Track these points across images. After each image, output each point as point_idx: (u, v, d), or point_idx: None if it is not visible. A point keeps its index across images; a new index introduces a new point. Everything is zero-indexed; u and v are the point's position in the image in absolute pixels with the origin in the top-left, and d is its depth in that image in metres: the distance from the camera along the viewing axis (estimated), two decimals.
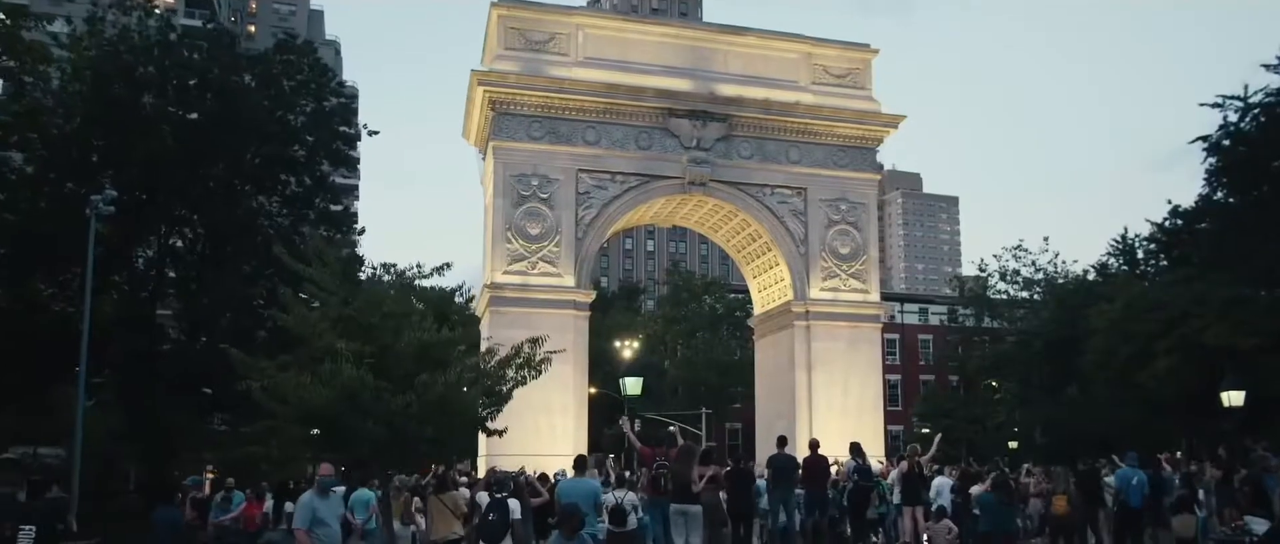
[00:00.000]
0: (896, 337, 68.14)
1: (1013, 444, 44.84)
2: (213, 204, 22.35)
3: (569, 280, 31.87)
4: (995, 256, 63.60)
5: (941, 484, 16.55)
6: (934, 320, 68.59)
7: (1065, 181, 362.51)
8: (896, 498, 16.62)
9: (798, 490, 15.45)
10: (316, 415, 13.10)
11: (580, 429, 31.53)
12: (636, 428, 53.20)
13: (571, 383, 31.17)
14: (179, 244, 24.21)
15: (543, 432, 30.32)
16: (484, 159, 34.87)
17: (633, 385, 17.15)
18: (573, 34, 33.40)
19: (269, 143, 23.45)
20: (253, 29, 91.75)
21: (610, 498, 11.65)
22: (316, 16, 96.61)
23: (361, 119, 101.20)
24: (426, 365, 13.61)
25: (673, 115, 33.37)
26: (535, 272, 31.76)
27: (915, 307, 70.91)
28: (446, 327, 14.75)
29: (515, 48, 32.90)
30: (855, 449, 17.52)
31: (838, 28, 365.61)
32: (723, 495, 13.96)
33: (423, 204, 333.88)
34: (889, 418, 64.44)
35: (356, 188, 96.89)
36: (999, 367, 54.51)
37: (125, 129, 20.98)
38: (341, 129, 25.95)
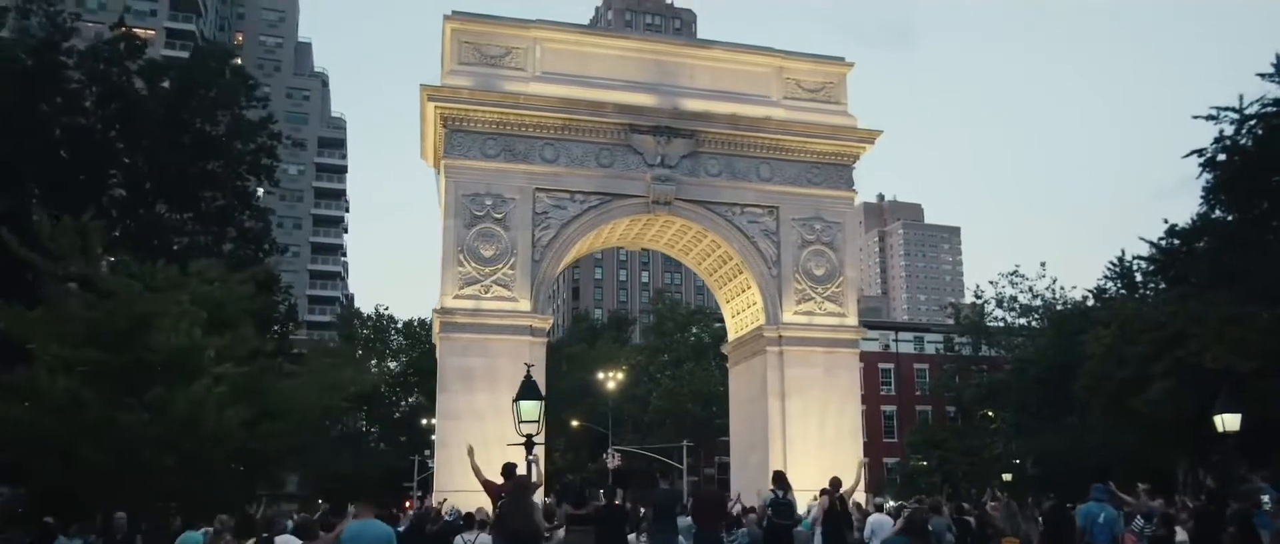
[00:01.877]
0: (891, 366, 66.16)
1: (1007, 476, 42.66)
2: (105, 217, 20.80)
3: (525, 304, 30.07)
4: (991, 283, 61.57)
5: (878, 523, 14.54)
6: (930, 349, 66.47)
7: (1070, 211, 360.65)
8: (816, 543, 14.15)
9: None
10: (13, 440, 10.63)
11: (537, 462, 29.54)
12: (616, 461, 50.92)
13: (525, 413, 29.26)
14: None
15: (495, 465, 28.33)
16: (439, 179, 33.28)
17: (527, 410, 15.00)
18: (530, 48, 31.92)
19: (172, 152, 21.89)
20: (239, 61, 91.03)
21: (459, 542, 9.76)
22: (304, 48, 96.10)
23: (350, 151, 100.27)
24: (177, 377, 11.08)
25: (635, 131, 31.77)
26: (489, 296, 29.99)
27: (910, 335, 68.85)
28: (230, 332, 12.03)
29: (469, 62, 31.41)
30: (778, 478, 14.93)
31: (866, 50, 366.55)
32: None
33: (414, 235, 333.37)
34: (884, 449, 62.46)
35: (344, 220, 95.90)
36: (994, 395, 52.36)
37: (16, 133, 19.46)
38: (263, 141, 24.37)
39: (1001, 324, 59.25)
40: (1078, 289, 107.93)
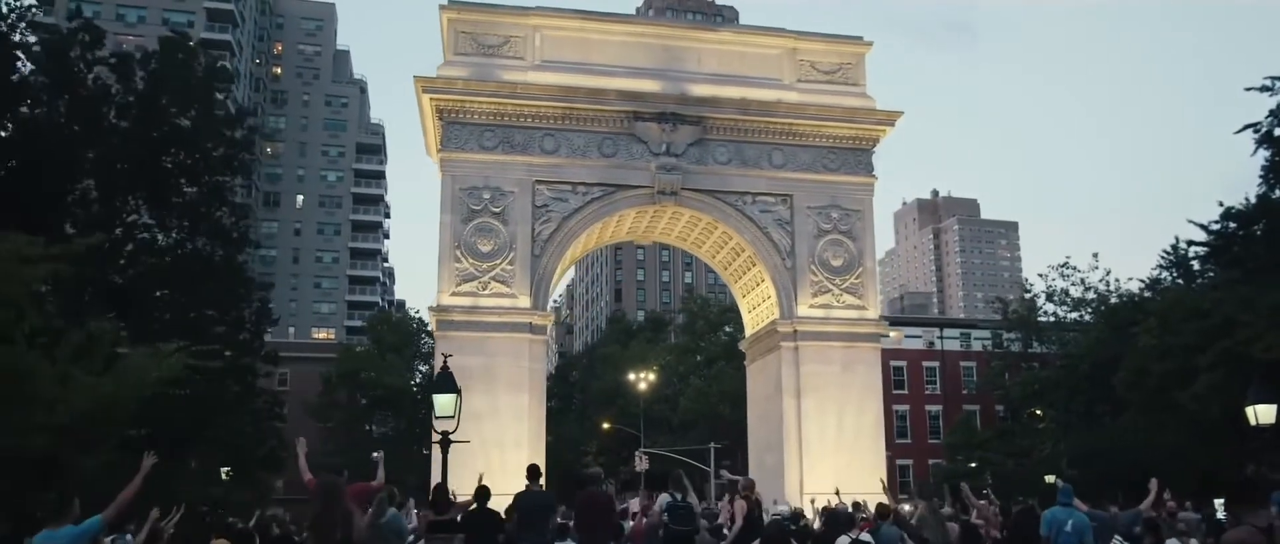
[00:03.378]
0: (936, 364, 63.55)
1: (1049, 478, 40.12)
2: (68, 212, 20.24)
3: (524, 301, 28.94)
4: (1040, 276, 58.74)
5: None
6: (977, 346, 63.65)
7: (1134, 207, 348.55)
8: None
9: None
10: None
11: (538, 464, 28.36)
12: (644, 464, 49.38)
13: (527, 413, 28.20)
14: None
15: (494, 468, 27.16)
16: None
17: (443, 405, 13.72)
18: (529, 36, 30.82)
19: (140, 146, 21.25)
20: (278, 70, 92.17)
21: None
22: (342, 56, 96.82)
23: (389, 159, 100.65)
24: None
25: (639, 119, 30.45)
26: (486, 292, 28.94)
27: (957, 332, 66.06)
28: None
29: (466, 52, 30.44)
30: (675, 480, 12.62)
31: (901, 57, 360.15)
32: None
33: None
34: (930, 451, 59.92)
35: (383, 225, 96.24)
36: (1044, 393, 49.62)
37: None
38: (232, 134, 23.65)
39: (1052, 319, 56.39)
40: (1134, 281, 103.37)
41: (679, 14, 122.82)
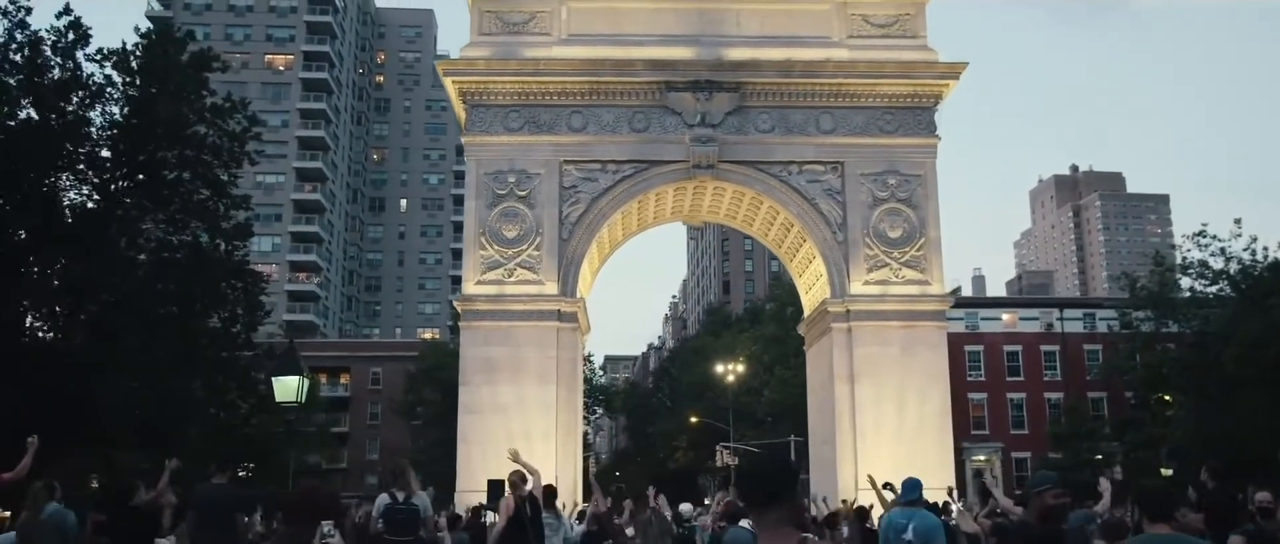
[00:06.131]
0: (1055, 348, 58.21)
1: (1167, 471, 35.48)
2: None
3: (551, 287, 27.45)
4: (1172, 247, 52.75)
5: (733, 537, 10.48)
6: (1103, 328, 57.91)
7: None
8: None
9: None
10: None
11: (569, 459, 26.87)
12: (726, 459, 46.94)
13: (555, 405, 26.69)
14: None
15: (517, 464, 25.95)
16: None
17: (283, 389, 12.13)
18: (555, 10, 29.32)
19: (140, 136, 20.94)
20: (381, 78, 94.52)
21: None
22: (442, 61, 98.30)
23: None
24: None
25: (671, 89, 28.44)
26: (512, 279, 27.63)
27: (1079, 313, 60.40)
28: None
29: (491, 33, 29.25)
30: (397, 473, 10.15)
31: (1065, 27, 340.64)
32: None
33: None
34: (1048, 442, 54.89)
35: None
36: (1168, 378, 44.32)
37: None
38: (234, 126, 23.16)
39: (1188, 294, 50.43)
40: None
41: None
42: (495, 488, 15.62)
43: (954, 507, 20.81)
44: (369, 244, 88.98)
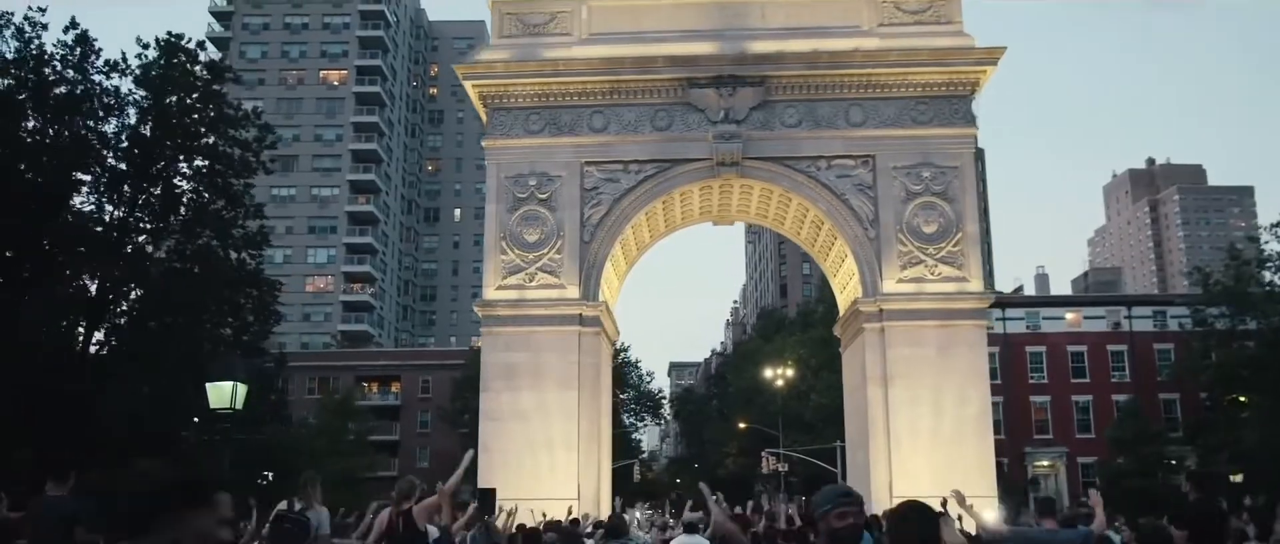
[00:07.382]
0: (1123, 348, 55.55)
1: (1237, 476, 33.27)
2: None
3: (573, 291, 26.93)
4: (1251, 240, 49.82)
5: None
6: (1174, 326, 55.05)
7: None
8: None
9: None
10: None
11: (592, 466, 26.29)
12: (771, 465, 45.76)
13: (577, 411, 26.12)
14: None
15: (542, 470, 25.50)
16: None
17: (217, 394, 11.69)
18: (575, 10, 28.85)
19: (152, 146, 21.15)
20: (434, 91, 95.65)
21: None
22: None
23: None
24: None
25: (694, 86, 27.70)
26: (533, 284, 27.19)
27: (1149, 310, 57.55)
28: None
29: (511, 35, 28.96)
30: (304, 491, 9.51)
31: (1123, 23, 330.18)
32: None
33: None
34: (1110, 448, 52.28)
35: None
36: (1243, 378, 41.76)
37: None
38: (247, 135, 23.23)
39: (1268, 288, 47.51)
40: None
41: None
42: (486, 496, 15.07)
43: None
44: (424, 254, 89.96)
